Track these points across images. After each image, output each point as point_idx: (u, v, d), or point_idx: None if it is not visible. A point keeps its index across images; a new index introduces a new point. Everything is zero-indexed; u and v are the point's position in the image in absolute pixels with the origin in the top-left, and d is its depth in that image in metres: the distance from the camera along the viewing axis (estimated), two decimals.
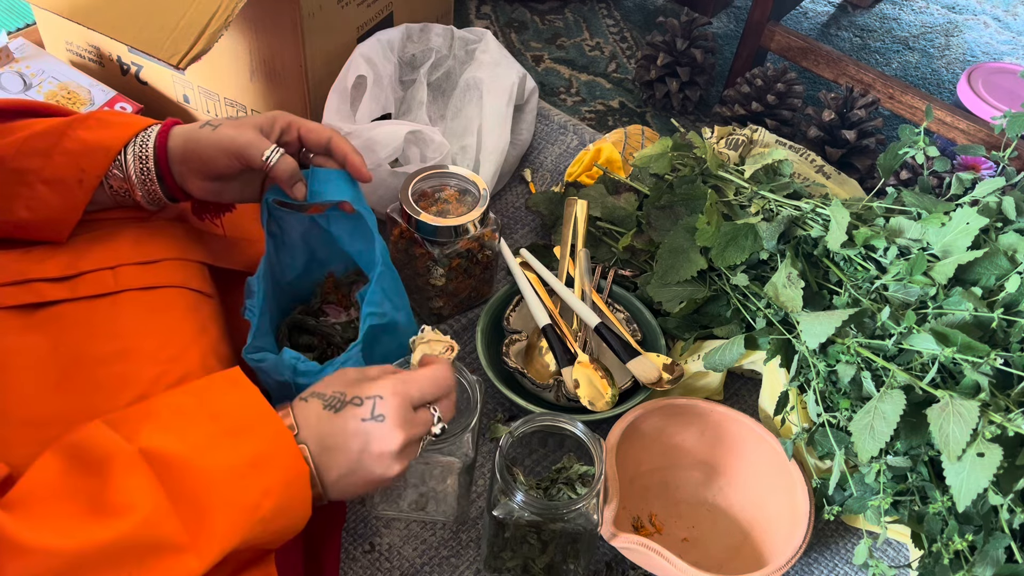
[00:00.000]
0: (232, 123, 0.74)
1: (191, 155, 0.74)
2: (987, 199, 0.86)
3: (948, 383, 0.75)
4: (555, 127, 1.27)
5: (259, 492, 0.56)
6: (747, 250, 0.90)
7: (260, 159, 0.74)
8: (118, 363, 0.68)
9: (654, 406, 0.87)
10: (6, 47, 1.16)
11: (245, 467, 0.56)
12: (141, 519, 0.51)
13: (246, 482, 0.56)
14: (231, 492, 0.55)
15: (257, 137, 0.74)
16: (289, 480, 0.58)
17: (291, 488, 0.58)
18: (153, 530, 0.51)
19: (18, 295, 0.70)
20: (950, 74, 1.56)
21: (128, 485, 0.52)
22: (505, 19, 1.56)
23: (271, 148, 0.74)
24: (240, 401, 0.59)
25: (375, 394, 0.62)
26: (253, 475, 0.56)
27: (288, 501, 0.58)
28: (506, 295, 0.99)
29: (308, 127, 0.77)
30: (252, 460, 0.56)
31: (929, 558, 0.76)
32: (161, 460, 0.54)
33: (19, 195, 0.72)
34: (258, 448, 0.57)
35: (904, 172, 1.20)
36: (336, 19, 1.08)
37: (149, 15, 0.94)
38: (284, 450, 0.58)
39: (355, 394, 0.62)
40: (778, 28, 1.34)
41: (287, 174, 0.75)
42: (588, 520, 0.75)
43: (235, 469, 0.55)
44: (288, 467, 0.58)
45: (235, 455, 0.56)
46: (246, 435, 0.57)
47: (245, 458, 0.56)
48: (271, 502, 0.56)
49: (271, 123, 0.76)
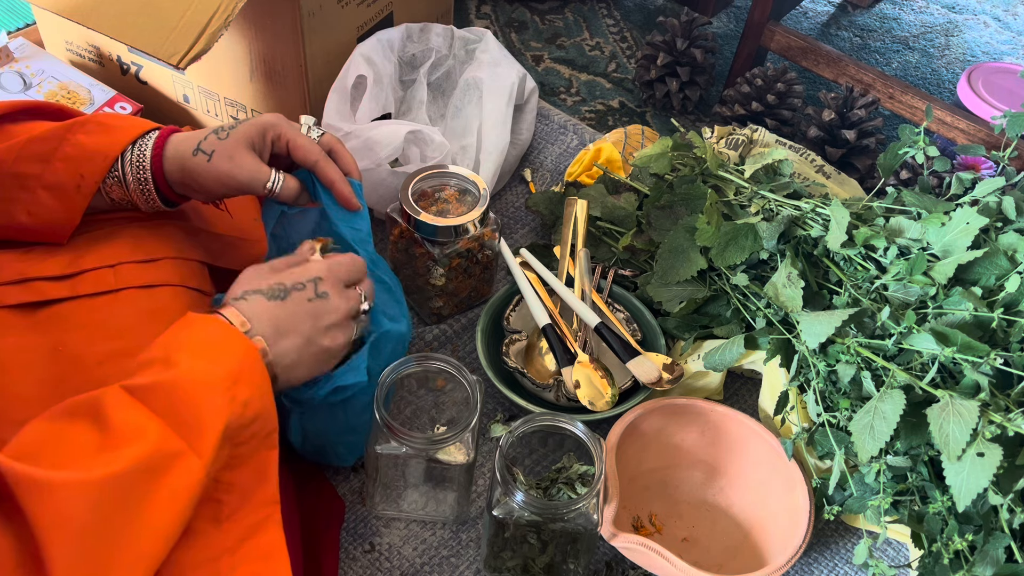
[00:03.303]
0: (225, 151, 0.73)
1: (189, 183, 0.74)
2: (987, 199, 0.86)
3: (948, 383, 0.75)
4: (555, 127, 1.27)
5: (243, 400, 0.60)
6: (747, 250, 0.90)
7: (263, 191, 0.75)
8: (117, 362, 0.68)
9: (654, 406, 0.87)
10: (6, 47, 1.16)
11: (228, 381, 0.59)
12: (148, 444, 0.54)
13: (232, 394, 0.59)
14: (220, 401, 0.58)
15: (255, 168, 0.74)
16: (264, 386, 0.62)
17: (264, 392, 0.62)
18: (159, 449, 0.55)
19: (18, 294, 0.70)
20: (950, 74, 1.56)
21: (124, 419, 0.55)
22: (505, 19, 1.56)
23: (271, 179, 0.75)
24: (206, 329, 0.62)
25: (314, 276, 0.68)
26: (235, 387, 0.59)
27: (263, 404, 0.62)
28: (506, 295, 0.99)
29: (296, 143, 0.76)
30: (232, 374, 0.60)
31: (929, 558, 0.76)
32: (145, 390, 0.57)
33: (19, 200, 0.72)
34: (236, 362, 0.61)
35: (904, 172, 1.20)
36: (336, 19, 1.08)
37: (149, 15, 0.94)
38: (256, 359, 0.62)
39: (295, 280, 0.68)
40: (778, 28, 1.34)
41: (292, 197, 0.77)
42: (588, 520, 0.75)
43: (219, 383, 0.59)
44: (261, 374, 0.62)
45: (216, 372, 0.59)
46: (222, 354, 0.61)
47: (227, 373, 0.60)
48: (253, 409, 0.60)
49: (262, 137, 0.75)
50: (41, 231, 0.74)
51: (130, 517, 0.53)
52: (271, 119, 0.76)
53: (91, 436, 0.54)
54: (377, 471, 0.80)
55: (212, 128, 0.75)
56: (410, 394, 0.92)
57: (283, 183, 0.75)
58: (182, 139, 0.74)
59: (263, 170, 0.74)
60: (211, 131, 0.74)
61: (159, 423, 0.55)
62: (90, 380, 0.67)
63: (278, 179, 0.75)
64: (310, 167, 0.77)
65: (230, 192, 0.75)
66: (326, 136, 0.79)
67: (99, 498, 0.51)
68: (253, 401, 0.60)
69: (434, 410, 0.91)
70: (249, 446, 0.61)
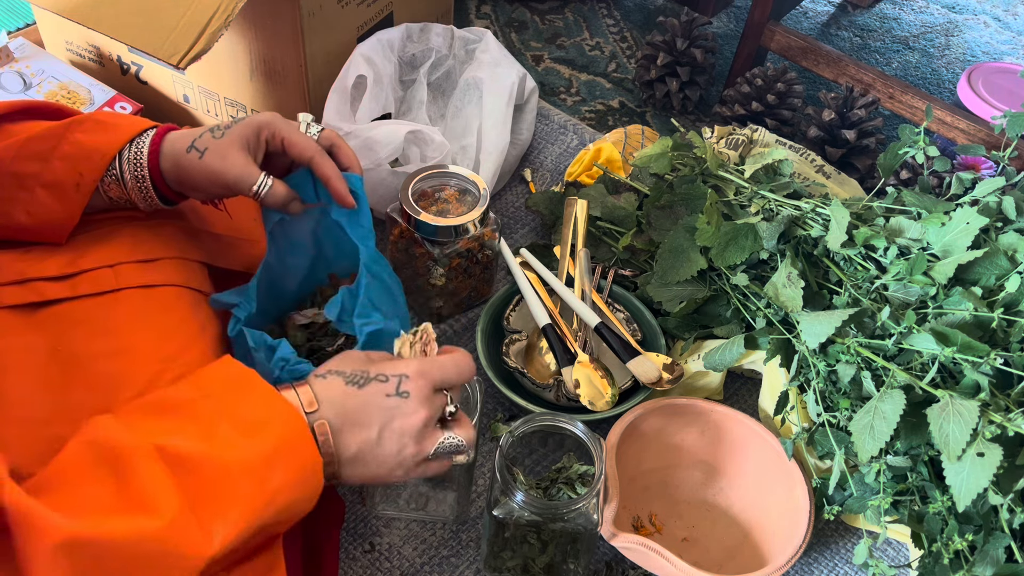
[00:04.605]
0: (218, 149, 0.72)
1: (183, 178, 0.74)
2: (987, 199, 0.86)
3: (948, 383, 0.75)
4: (555, 127, 1.27)
5: (274, 488, 0.56)
6: (747, 250, 0.90)
7: (250, 193, 0.73)
8: (116, 361, 0.68)
9: (654, 406, 0.87)
10: (6, 47, 1.16)
11: (261, 464, 0.56)
12: (164, 522, 0.51)
13: (262, 478, 0.55)
14: (247, 488, 0.55)
15: (244, 168, 0.72)
16: (304, 473, 0.58)
17: (305, 479, 0.58)
18: (173, 533, 0.51)
19: (18, 294, 0.70)
20: (950, 74, 1.56)
21: (145, 484, 0.52)
22: (505, 19, 1.56)
23: (259, 182, 0.73)
24: (253, 396, 0.59)
25: (401, 373, 0.62)
26: (269, 472, 0.56)
27: (301, 492, 0.58)
28: (506, 295, 0.99)
29: (291, 141, 0.75)
30: (268, 456, 0.56)
31: (929, 558, 0.76)
32: (177, 459, 0.53)
33: (18, 199, 0.72)
34: (274, 443, 0.57)
35: (904, 172, 1.20)
36: (336, 19, 1.08)
37: (149, 15, 0.94)
38: (300, 443, 0.58)
39: (379, 372, 0.62)
40: (778, 28, 1.34)
41: (279, 202, 0.75)
42: (588, 520, 0.75)
43: (251, 466, 0.55)
44: (304, 461, 0.58)
45: (251, 452, 0.56)
46: (262, 431, 0.57)
47: (262, 455, 0.56)
48: (285, 497, 0.56)
49: (257, 135, 0.74)
50: (40, 231, 0.73)
51: None
52: (266, 117, 0.75)
53: (109, 490, 0.52)
54: None
55: (209, 126, 0.74)
56: None
57: (270, 187, 0.73)
58: (178, 137, 0.74)
59: (252, 172, 0.73)
60: (207, 129, 0.74)
61: (180, 500, 0.52)
62: (89, 378, 0.67)
63: (266, 183, 0.73)
64: (306, 163, 0.76)
65: (221, 191, 0.74)
66: (326, 132, 0.78)
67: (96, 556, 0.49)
68: (287, 488, 0.56)
69: None
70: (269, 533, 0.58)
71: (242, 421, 0.57)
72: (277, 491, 0.56)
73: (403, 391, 0.62)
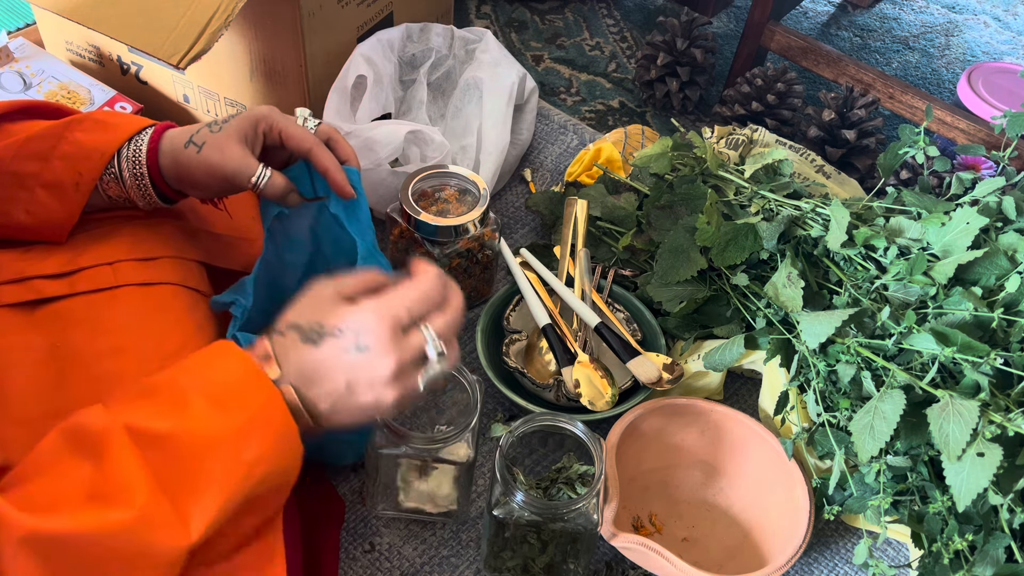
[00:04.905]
0: (216, 143, 0.72)
1: (182, 176, 0.73)
2: (987, 199, 0.86)
3: (948, 383, 0.75)
4: (555, 127, 1.27)
5: (250, 460, 0.55)
6: (747, 250, 0.90)
7: (248, 184, 0.73)
8: (115, 360, 0.68)
9: (654, 406, 0.87)
10: (6, 47, 1.16)
11: (235, 436, 0.54)
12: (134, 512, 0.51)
13: (237, 451, 0.54)
14: (222, 463, 0.54)
15: (242, 160, 0.72)
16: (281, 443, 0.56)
17: (282, 450, 0.57)
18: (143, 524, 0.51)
19: (17, 293, 0.70)
20: (950, 74, 1.56)
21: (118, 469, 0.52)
22: (505, 19, 1.56)
23: (258, 173, 0.72)
24: (229, 367, 0.57)
25: (355, 325, 0.58)
26: (244, 443, 0.55)
27: (279, 463, 0.57)
28: (506, 295, 0.99)
29: (289, 132, 0.75)
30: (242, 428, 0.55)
31: (929, 558, 0.76)
32: (147, 438, 0.53)
33: (18, 199, 0.72)
34: (248, 414, 0.55)
35: (904, 172, 1.20)
36: (336, 19, 1.08)
37: (149, 15, 0.94)
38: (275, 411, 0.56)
39: (335, 325, 0.58)
40: (778, 28, 1.34)
41: (278, 194, 0.74)
42: (588, 520, 0.75)
43: (225, 440, 0.54)
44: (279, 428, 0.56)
45: (225, 425, 0.54)
46: (235, 402, 0.55)
47: (235, 427, 0.55)
48: (263, 469, 0.55)
49: (254, 128, 0.74)
50: (40, 230, 0.74)
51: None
52: (263, 110, 0.75)
53: (85, 477, 0.52)
54: (377, 471, 0.80)
55: (206, 122, 0.74)
56: None
57: (269, 179, 0.73)
58: (176, 133, 0.74)
59: (251, 163, 0.72)
60: (204, 124, 0.74)
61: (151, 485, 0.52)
62: (90, 377, 0.67)
63: (265, 174, 0.73)
64: (304, 155, 0.75)
65: (220, 184, 0.73)
66: (323, 126, 0.78)
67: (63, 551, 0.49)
68: (264, 460, 0.55)
69: (434, 410, 0.91)
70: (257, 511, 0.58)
71: (215, 392, 0.55)
72: (254, 463, 0.55)
73: (362, 345, 0.57)
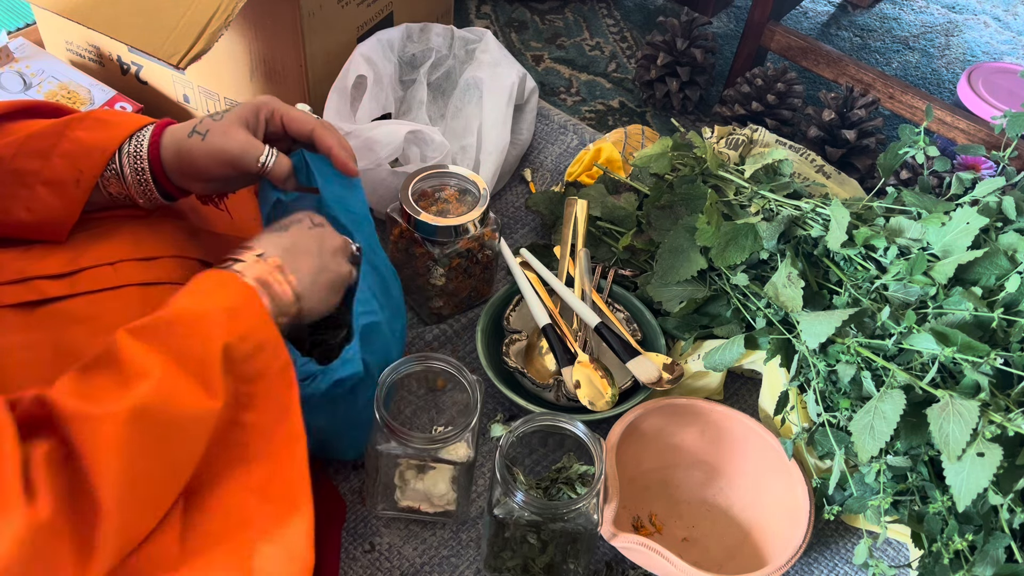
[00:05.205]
0: (219, 128, 0.73)
1: (185, 165, 0.74)
2: (987, 199, 0.86)
3: (948, 383, 0.75)
4: (555, 127, 1.27)
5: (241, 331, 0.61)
6: (747, 250, 0.90)
7: (256, 165, 0.74)
8: None
9: (654, 406, 0.87)
10: (6, 47, 1.16)
11: (224, 312, 0.61)
12: (154, 380, 0.56)
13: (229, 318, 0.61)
14: (217, 327, 0.60)
15: (248, 142, 0.74)
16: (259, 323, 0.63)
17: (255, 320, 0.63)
18: (164, 382, 0.56)
19: (18, 293, 0.70)
20: (950, 74, 1.56)
21: (131, 357, 0.57)
22: (505, 19, 1.56)
23: (265, 153, 0.74)
24: (207, 275, 0.64)
25: (303, 215, 0.74)
26: (233, 316, 0.61)
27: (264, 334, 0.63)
28: (506, 295, 0.99)
29: (290, 116, 0.77)
30: (228, 308, 0.62)
31: (929, 558, 0.76)
32: (144, 329, 0.59)
33: (18, 196, 0.72)
34: (231, 300, 0.63)
35: (904, 172, 1.20)
36: (336, 19, 1.08)
37: (149, 15, 0.94)
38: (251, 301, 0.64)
39: (290, 221, 0.73)
40: (778, 28, 1.34)
41: (284, 174, 0.76)
42: (588, 520, 0.75)
43: (215, 312, 0.61)
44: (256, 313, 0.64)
45: (212, 304, 0.61)
46: (217, 293, 0.63)
47: (222, 306, 0.62)
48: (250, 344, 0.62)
49: (256, 115, 0.75)
50: (40, 228, 0.74)
51: (157, 446, 0.56)
52: (264, 98, 0.77)
53: (110, 376, 0.56)
54: (377, 471, 0.80)
55: (207, 114, 0.75)
56: (410, 394, 0.92)
57: (276, 159, 0.75)
58: (178, 127, 0.76)
59: (256, 145, 0.74)
60: (206, 115, 0.76)
61: (161, 358, 0.57)
62: None
63: (271, 154, 0.75)
64: (306, 137, 0.77)
65: (224, 171, 0.74)
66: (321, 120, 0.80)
67: (129, 428, 0.54)
68: (253, 332, 0.62)
69: (434, 410, 0.91)
70: (263, 383, 0.62)
71: (196, 291, 0.63)
72: (244, 336, 0.61)
73: (316, 223, 0.74)
